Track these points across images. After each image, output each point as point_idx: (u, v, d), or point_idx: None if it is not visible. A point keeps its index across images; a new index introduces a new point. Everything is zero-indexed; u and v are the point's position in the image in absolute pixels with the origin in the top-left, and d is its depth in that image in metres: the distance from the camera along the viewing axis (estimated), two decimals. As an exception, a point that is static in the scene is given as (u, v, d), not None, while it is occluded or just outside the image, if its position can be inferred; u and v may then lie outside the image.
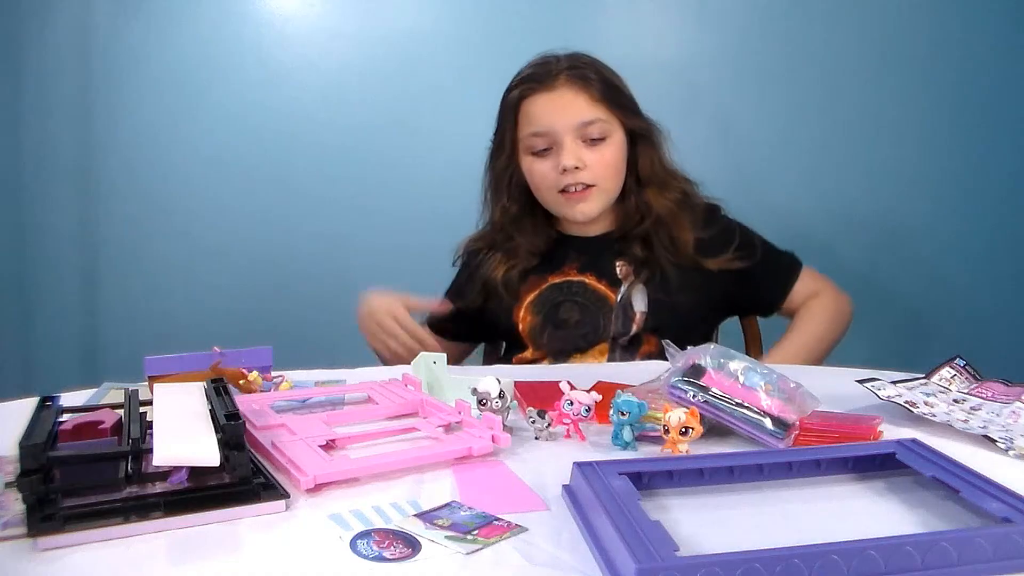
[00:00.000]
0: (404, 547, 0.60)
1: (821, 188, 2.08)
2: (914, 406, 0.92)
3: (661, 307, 1.30)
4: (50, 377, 2.05)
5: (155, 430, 0.70)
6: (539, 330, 1.33)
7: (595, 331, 1.31)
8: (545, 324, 1.33)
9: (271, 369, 1.06)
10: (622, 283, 1.32)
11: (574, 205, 1.31)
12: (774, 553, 0.54)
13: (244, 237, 2.09)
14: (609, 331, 1.30)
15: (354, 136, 2.07)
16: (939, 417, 0.89)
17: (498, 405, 0.85)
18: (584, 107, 1.28)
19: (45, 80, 2.01)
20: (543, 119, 1.29)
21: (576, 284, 1.33)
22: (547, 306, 1.33)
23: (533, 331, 1.34)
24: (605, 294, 1.31)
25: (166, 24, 2.01)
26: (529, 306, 1.34)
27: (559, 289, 1.34)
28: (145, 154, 2.06)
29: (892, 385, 0.99)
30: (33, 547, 0.60)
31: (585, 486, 0.66)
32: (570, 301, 1.32)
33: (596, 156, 1.29)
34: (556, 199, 1.32)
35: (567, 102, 1.28)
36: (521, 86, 1.31)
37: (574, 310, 1.32)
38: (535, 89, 1.30)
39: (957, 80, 2.05)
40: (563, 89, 1.29)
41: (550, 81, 1.29)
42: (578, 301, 1.32)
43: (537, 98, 1.29)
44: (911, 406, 0.92)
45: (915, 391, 0.98)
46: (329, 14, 2.05)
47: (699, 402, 0.83)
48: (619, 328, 1.30)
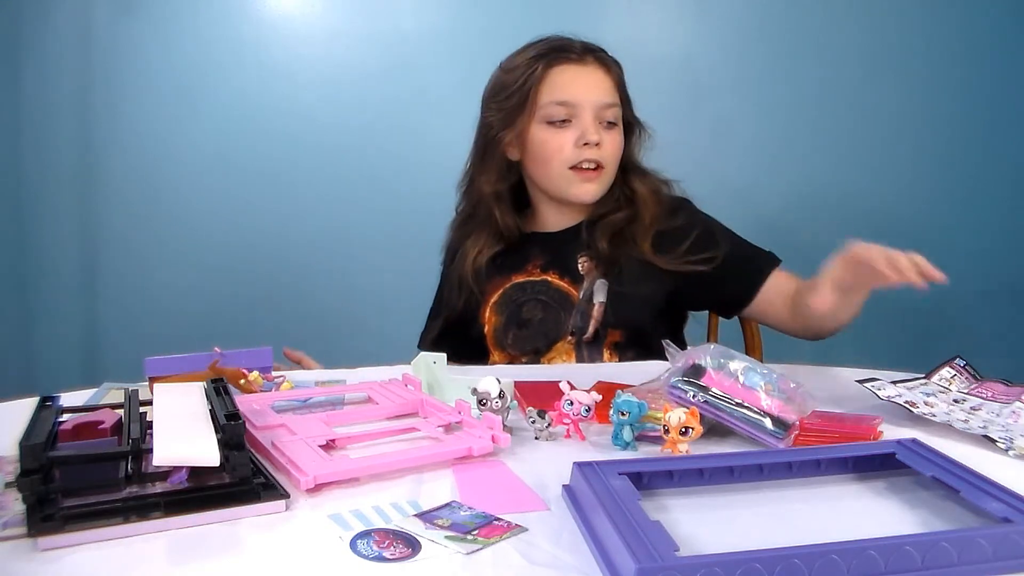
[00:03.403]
0: (404, 547, 0.60)
1: (819, 183, 2.09)
2: (914, 406, 0.92)
3: (621, 299, 1.28)
4: (50, 377, 2.05)
5: (155, 430, 0.70)
6: (503, 331, 1.32)
7: (556, 328, 1.30)
8: (508, 325, 1.32)
9: (271, 369, 1.06)
10: (584, 279, 1.31)
11: (582, 183, 1.30)
12: (774, 553, 0.54)
13: (244, 237, 2.09)
14: (568, 327, 1.30)
15: (354, 136, 2.07)
16: (939, 417, 0.89)
17: (498, 405, 0.85)
18: (608, 89, 1.29)
19: (45, 80, 2.01)
20: (570, 90, 1.27)
21: (539, 283, 1.33)
22: (511, 306, 1.33)
23: (497, 332, 1.33)
24: (568, 291, 1.31)
25: (166, 24, 2.01)
26: (494, 307, 1.34)
27: (522, 289, 1.33)
28: (145, 154, 2.06)
29: (892, 385, 0.99)
30: (33, 547, 0.60)
31: (585, 486, 0.66)
32: (533, 300, 1.32)
33: (609, 138, 1.29)
34: (565, 175, 1.30)
35: (596, 79, 1.29)
36: (549, 55, 1.29)
37: (537, 308, 1.31)
38: (566, 60, 1.29)
39: (959, 75, 2.06)
40: (592, 67, 1.29)
41: (579, 57, 1.29)
42: (541, 299, 1.32)
43: (567, 68, 1.28)
44: (911, 406, 0.92)
45: (915, 391, 0.98)
46: (329, 14, 2.05)
47: (699, 402, 0.83)
48: (577, 323, 1.29)
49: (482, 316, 1.35)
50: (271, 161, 2.07)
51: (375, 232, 2.09)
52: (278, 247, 2.09)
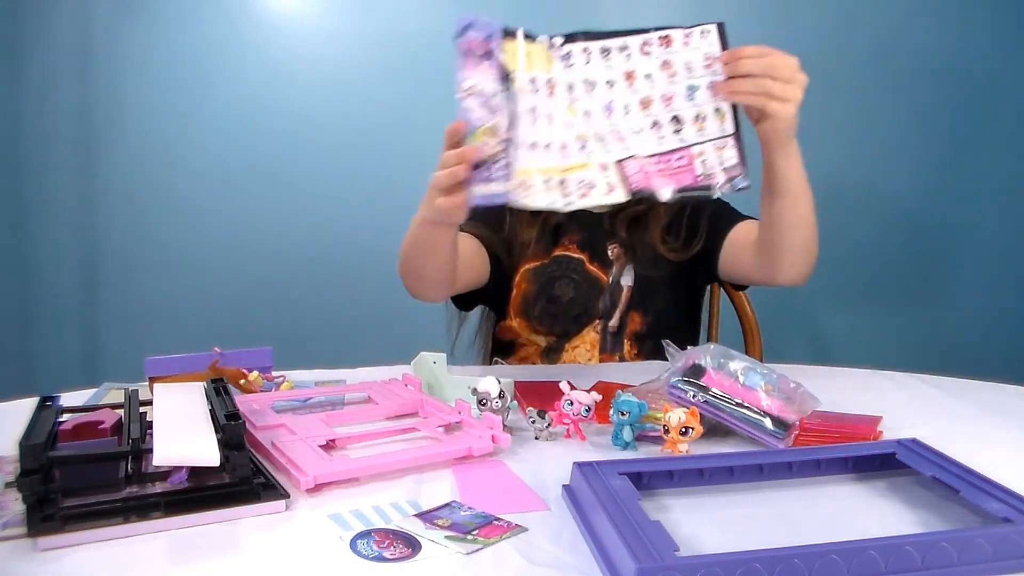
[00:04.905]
0: (404, 547, 0.60)
1: (819, 181, 2.08)
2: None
3: (644, 283, 1.31)
4: (50, 377, 2.05)
5: (155, 430, 0.70)
6: (532, 300, 1.33)
7: (586, 313, 1.32)
8: (540, 295, 1.33)
9: (271, 369, 1.06)
10: (614, 264, 1.33)
11: None
12: (774, 553, 0.54)
13: (244, 237, 2.09)
14: (598, 311, 1.31)
15: (354, 135, 2.07)
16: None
17: (498, 405, 0.85)
18: None
19: (45, 80, 2.01)
20: None
21: (575, 261, 1.34)
22: (544, 277, 1.34)
23: (526, 299, 1.34)
24: (598, 276, 1.33)
25: (166, 24, 2.01)
26: (527, 273, 1.35)
27: (559, 264, 1.35)
28: (145, 154, 2.06)
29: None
30: (33, 547, 0.60)
31: (585, 486, 0.66)
32: (567, 278, 1.33)
33: None
34: None
35: None
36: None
37: (569, 287, 1.33)
38: None
39: (960, 76, 2.06)
40: None
41: None
42: (574, 279, 1.33)
43: None
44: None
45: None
46: (329, 14, 2.05)
47: (699, 402, 0.83)
48: (606, 305, 1.31)
49: (513, 278, 1.35)
50: (271, 161, 2.07)
51: (375, 232, 2.08)
52: (278, 247, 2.09)
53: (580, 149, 0.95)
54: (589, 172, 0.95)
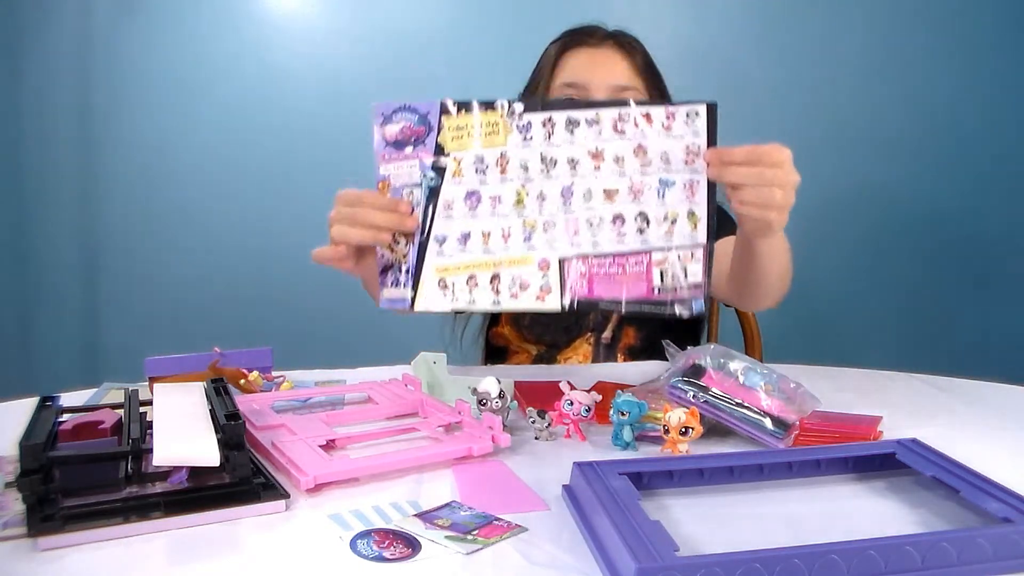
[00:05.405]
0: (404, 547, 0.60)
1: (820, 179, 2.08)
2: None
3: None
4: (50, 377, 2.05)
5: (155, 430, 0.70)
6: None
7: (576, 325, 1.30)
8: None
9: (271, 369, 1.06)
10: None
11: None
12: (774, 553, 0.54)
13: (244, 236, 2.09)
14: (588, 324, 1.30)
15: (354, 135, 2.06)
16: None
17: (498, 405, 0.85)
18: (624, 71, 1.27)
19: (45, 80, 2.01)
20: (579, 72, 1.26)
21: None
22: None
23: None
24: None
25: (166, 23, 2.01)
26: None
27: None
28: (145, 154, 2.06)
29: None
30: (33, 547, 0.60)
31: (585, 486, 0.66)
32: None
33: None
34: None
35: (609, 62, 1.27)
36: (564, 39, 1.29)
37: None
38: (579, 44, 1.28)
39: (959, 74, 2.06)
40: (607, 50, 1.28)
41: (595, 41, 1.28)
42: None
43: (579, 52, 1.28)
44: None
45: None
46: (329, 14, 2.05)
47: (699, 402, 0.83)
48: (598, 318, 1.30)
49: None
50: (271, 160, 2.07)
51: (375, 232, 2.09)
52: (278, 247, 2.09)
53: (524, 240, 0.86)
54: (525, 270, 0.86)
